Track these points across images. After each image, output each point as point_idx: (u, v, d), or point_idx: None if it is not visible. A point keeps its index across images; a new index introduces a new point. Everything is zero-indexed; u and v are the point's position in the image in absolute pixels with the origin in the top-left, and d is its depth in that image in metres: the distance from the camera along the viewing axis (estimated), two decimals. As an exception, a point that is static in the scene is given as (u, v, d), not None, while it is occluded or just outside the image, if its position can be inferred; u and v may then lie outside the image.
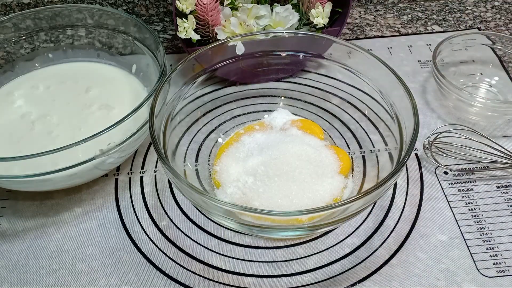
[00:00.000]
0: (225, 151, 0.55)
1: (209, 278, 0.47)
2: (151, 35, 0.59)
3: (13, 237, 0.51)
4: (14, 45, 0.65)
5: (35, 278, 0.48)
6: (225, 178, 0.52)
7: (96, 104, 0.60)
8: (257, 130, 0.57)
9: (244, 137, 0.56)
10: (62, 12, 0.65)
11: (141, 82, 0.63)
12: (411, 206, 0.53)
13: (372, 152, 0.55)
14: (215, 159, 0.55)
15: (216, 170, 0.53)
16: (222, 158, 0.54)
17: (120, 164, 0.57)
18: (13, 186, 0.52)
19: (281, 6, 0.64)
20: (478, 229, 0.50)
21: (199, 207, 0.46)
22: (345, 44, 0.55)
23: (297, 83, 0.64)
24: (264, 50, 0.60)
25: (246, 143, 0.55)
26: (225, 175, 0.52)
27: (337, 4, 0.66)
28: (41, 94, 0.62)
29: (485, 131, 0.60)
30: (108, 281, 0.47)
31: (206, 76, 0.58)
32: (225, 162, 0.54)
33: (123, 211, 0.53)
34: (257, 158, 0.52)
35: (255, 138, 0.56)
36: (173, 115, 0.54)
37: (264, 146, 0.54)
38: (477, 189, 0.54)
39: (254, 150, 0.54)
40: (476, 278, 0.46)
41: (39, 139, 0.56)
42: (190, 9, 0.60)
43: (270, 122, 0.59)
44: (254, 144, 0.55)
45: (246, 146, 0.55)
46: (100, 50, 0.67)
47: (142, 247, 0.50)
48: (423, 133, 0.60)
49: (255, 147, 0.54)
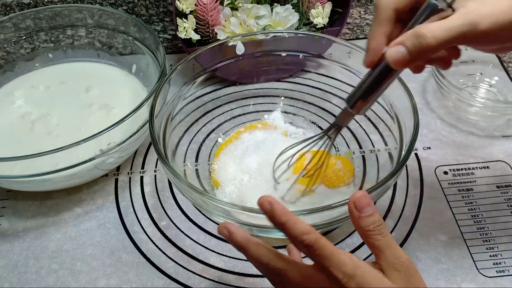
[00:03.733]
0: (224, 149, 0.55)
1: (209, 278, 0.47)
2: (151, 35, 0.59)
3: (13, 237, 0.51)
4: (14, 45, 0.65)
5: (35, 278, 0.48)
6: (223, 177, 0.52)
7: (96, 104, 0.60)
8: (259, 129, 0.57)
9: (244, 135, 0.56)
10: (62, 12, 0.65)
11: (141, 82, 0.63)
12: (411, 206, 0.53)
13: (372, 152, 0.55)
14: (214, 157, 0.55)
15: (215, 169, 0.54)
16: (220, 156, 0.55)
17: (120, 164, 0.57)
18: (13, 186, 0.52)
19: (281, 6, 0.64)
20: (478, 229, 0.50)
21: (199, 207, 0.46)
22: (345, 44, 0.55)
23: (297, 83, 0.64)
24: (264, 50, 0.60)
25: (245, 140, 0.56)
26: (223, 174, 0.52)
27: (337, 4, 0.66)
28: (41, 94, 0.62)
29: (485, 131, 0.60)
30: (108, 281, 0.47)
31: (206, 76, 0.58)
32: (223, 160, 0.54)
33: (123, 211, 0.53)
34: (253, 156, 0.52)
35: (255, 136, 0.56)
36: (173, 115, 0.54)
37: (262, 144, 0.54)
38: (477, 189, 0.54)
39: (251, 147, 0.54)
40: (476, 278, 0.46)
41: (39, 139, 0.56)
42: (190, 9, 0.60)
43: (274, 122, 0.59)
44: (252, 142, 0.55)
45: (245, 144, 0.55)
46: (100, 50, 0.67)
47: (142, 247, 0.50)
48: (423, 133, 0.60)
49: (252, 144, 0.55)
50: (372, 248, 0.34)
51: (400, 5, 0.35)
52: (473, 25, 0.32)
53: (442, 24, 0.33)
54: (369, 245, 0.35)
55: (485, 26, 0.32)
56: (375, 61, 0.37)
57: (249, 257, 0.35)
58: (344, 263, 0.32)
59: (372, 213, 0.35)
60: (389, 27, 0.36)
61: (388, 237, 0.34)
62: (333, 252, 0.33)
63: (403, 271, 0.33)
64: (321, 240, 0.33)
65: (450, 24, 0.32)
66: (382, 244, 0.34)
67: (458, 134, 0.60)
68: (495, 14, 0.32)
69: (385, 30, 0.36)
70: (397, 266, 0.33)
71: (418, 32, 0.33)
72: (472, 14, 0.32)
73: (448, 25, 0.32)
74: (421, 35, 0.32)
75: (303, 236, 0.33)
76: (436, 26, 0.33)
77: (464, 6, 0.33)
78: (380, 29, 0.36)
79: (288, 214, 0.34)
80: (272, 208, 0.34)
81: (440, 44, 0.32)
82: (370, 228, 0.34)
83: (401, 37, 0.34)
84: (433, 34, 0.32)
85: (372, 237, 0.34)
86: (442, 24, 0.33)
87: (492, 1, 0.33)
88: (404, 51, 0.33)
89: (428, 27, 0.33)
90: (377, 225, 0.34)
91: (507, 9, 0.33)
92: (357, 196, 0.35)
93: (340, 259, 0.33)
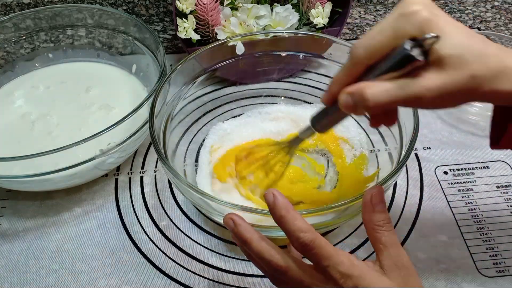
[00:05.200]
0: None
1: (209, 278, 0.47)
2: (151, 35, 0.59)
3: (13, 237, 0.51)
4: (14, 45, 0.65)
5: (35, 278, 0.48)
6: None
7: (96, 104, 0.60)
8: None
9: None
10: (62, 12, 0.65)
11: (141, 82, 0.63)
12: (411, 206, 0.53)
13: (372, 152, 0.55)
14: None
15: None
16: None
17: (120, 164, 0.57)
18: (13, 186, 0.52)
19: (281, 6, 0.64)
20: (478, 229, 0.50)
21: (199, 207, 0.46)
22: (345, 44, 0.55)
23: (297, 83, 0.64)
24: (264, 50, 0.59)
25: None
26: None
27: (337, 4, 0.66)
28: (41, 94, 0.62)
29: (485, 131, 0.60)
30: (108, 281, 0.47)
31: (206, 76, 0.58)
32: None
33: (123, 211, 0.53)
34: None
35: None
36: (173, 115, 0.54)
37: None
38: (477, 189, 0.54)
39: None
40: (476, 278, 0.46)
41: (39, 139, 0.56)
42: (190, 9, 0.60)
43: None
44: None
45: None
46: (100, 50, 0.67)
47: (142, 247, 0.50)
48: (423, 133, 0.60)
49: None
50: (377, 243, 0.35)
51: (373, 60, 0.32)
52: (420, 97, 0.30)
53: (385, 86, 0.31)
54: (375, 240, 0.35)
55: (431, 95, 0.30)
56: (331, 101, 0.36)
57: (252, 251, 0.35)
58: (341, 263, 0.32)
59: (384, 210, 0.35)
60: (355, 79, 0.33)
61: (394, 236, 0.35)
62: (331, 252, 0.33)
63: (403, 270, 0.33)
64: (318, 239, 0.33)
65: (393, 91, 0.30)
66: (388, 240, 0.34)
67: (458, 134, 0.60)
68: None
69: (350, 81, 0.33)
70: (398, 265, 0.34)
71: (362, 92, 0.31)
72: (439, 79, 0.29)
73: (392, 91, 0.30)
74: (364, 95, 0.31)
75: (300, 233, 0.33)
76: (379, 89, 0.31)
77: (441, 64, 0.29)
78: (345, 79, 0.34)
79: (288, 209, 0.34)
80: (275, 201, 0.35)
81: (379, 107, 0.31)
82: (380, 223, 0.35)
83: (353, 87, 0.32)
84: (374, 97, 0.31)
85: (379, 232, 0.35)
86: (385, 87, 0.31)
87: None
88: (351, 102, 0.32)
89: (373, 88, 0.31)
90: (387, 222, 0.35)
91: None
92: (374, 191, 0.36)
93: (338, 259, 0.33)
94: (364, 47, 0.32)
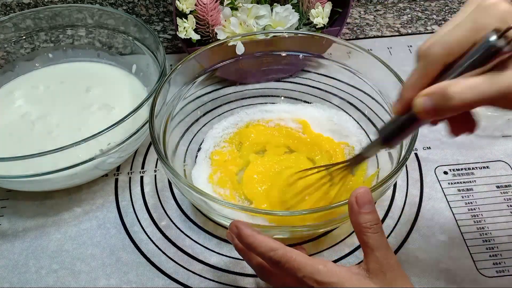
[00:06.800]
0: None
1: (209, 278, 0.47)
2: (151, 35, 0.59)
3: (13, 237, 0.51)
4: (14, 45, 0.65)
5: (35, 278, 0.48)
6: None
7: (96, 104, 0.60)
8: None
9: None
10: (62, 12, 0.65)
11: (141, 82, 0.63)
12: (411, 206, 0.53)
13: (372, 152, 0.55)
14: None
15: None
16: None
17: (120, 164, 0.57)
18: (13, 186, 0.52)
19: (281, 6, 0.64)
20: (478, 229, 0.50)
21: (199, 207, 0.46)
22: (345, 44, 0.55)
23: (297, 83, 0.64)
24: (264, 50, 0.60)
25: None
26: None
27: (337, 4, 0.66)
28: (41, 94, 0.62)
29: (485, 131, 0.60)
30: (108, 281, 0.47)
31: (206, 76, 0.58)
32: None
33: (123, 211, 0.53)
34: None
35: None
36: (173, 115, 0.54)
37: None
38: (477, 189, 0.54)
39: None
40: (476, 278, 0.46)
41: (39, 139, 0.56)
42: (190, 9, 0.60)
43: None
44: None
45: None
46: (100, 50, 0.67)
47: (142, 247, 0.50)
48: (423, 133, 0.60)
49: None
50: (365, 246, 0.34)
51: (452, 57, 0.29)
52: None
53: (470, 83, 0.28)
54: (362, 243, 0.34)
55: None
56: (405, 110, 0.33)
57: (253, 249, 0.35)
58: (317, 271, 0.32)
59: (371, 211, 0.34)
60: (431, 81, 0.31)
61: (383, 239, 0.34)
62: (305, 263, 0.33)
63: (390, 273, 0.33)
64: (289, 253, 0.33)
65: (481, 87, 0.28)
66: (375, 243, 0.34)
67: (458, 134, 0.60)
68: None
69: (425, 84, 0.31)
70: (384, 268, 0.33)
71: (444, 92, 0.29)
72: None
73: (480, 88, 0.28)
74: (447, 94, 0.28)
75: (270, 252, 0.34)
76: (464, 85, 0.28)
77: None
78: (420, 83, 0.31)
79: (254, 235, 0.35)
80: (239, 232, 0.36)
81: (465, 107, 0.29)
82: (367, 225, 0.34)
83: (431, 88, 0.29)
84: (460, 96, 0.28)
85: (366, 235, 0.34)
86: (470, 84, 0.28)
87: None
88: (430, 105, 0.29)
89: (457, 86, 0.28)
90: (374, 224, 0.34)
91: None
92: (359, 192, 0.35)
93: (313, 268, 0.32)
94: (441, 44, 0.30)
